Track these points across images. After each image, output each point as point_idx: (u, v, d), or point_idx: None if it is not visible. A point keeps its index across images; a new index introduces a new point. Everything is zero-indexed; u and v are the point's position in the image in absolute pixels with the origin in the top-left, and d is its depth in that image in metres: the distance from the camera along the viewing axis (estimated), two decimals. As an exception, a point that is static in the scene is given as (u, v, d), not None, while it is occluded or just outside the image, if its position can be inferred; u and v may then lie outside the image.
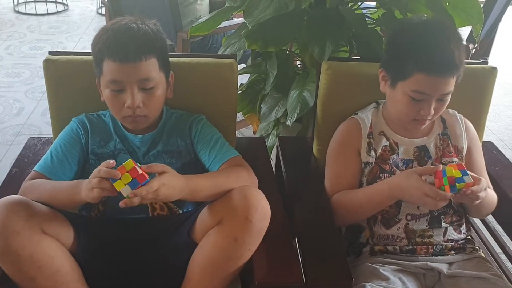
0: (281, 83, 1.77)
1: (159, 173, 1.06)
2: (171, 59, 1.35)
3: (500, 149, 1.67)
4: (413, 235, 1.31)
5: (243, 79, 1.98)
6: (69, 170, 1.24)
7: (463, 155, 1.37)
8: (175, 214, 1.25)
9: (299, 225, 1.28)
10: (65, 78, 1.40)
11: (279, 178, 1.53)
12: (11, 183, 1.33)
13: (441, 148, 1.36)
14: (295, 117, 1.60)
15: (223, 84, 1.45)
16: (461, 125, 1.39)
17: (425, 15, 1.63)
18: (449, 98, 1.26)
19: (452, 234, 1.33)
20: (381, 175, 1.33)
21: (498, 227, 1.53)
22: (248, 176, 1.23)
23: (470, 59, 1.58)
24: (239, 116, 1.90)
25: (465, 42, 1.31)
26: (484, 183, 1.18)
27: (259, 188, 1.17)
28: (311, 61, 1.73)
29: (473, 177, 1.16)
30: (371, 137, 1.36)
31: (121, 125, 1.31)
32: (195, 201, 1.20)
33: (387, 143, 1.36)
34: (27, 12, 4.89)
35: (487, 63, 1.54)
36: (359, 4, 1.89)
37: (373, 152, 1.35)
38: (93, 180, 1.03)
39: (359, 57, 1.75)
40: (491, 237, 1.56)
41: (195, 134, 1.33)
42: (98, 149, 1.28)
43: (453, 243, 1.33)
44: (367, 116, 1.39)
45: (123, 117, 1.24)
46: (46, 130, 2.83)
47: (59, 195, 1.15)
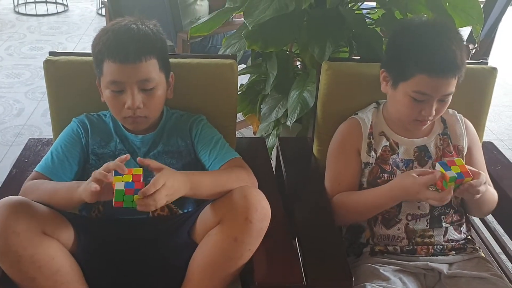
0: (281, 83, 1.78)
1: (158, 169, 1.06)
2: (171, 60, 1.35)
3: (500, 149, 1.67)
4: (413, 235, 1.31)
5: (243, 79, 1.98)
6: (69, 170, 1.24)
7: (463, 154, 1.37)
8: (175, 214, 1.26)
9: (299, 225, 1.28)
10: (66, 78, 1.40)
11: (279, 178, 1.53)
12: (12, 184, 1.33)
13: (441, 148, 1.36)
14: (295, 118, 1.60)
15: (223, 84, 1.45)
16: (461, 125, 1.39)
17: (425, 15, 1.64)
18: (450, 98, 1.26)
19: (452, 234, 1.34)
20: (382, 175, 1.33)
21: (498, 227, 1.54)
22: (248, 177, 1.23)
23: (470, 60, 1.58)
24: (239, 116, 1.90)
25: (465, 42, 1.31)
26: (483, 177, 1.18)
27: (259, 188, 1.17)
28: (311, 61, 1.73)
29: (472, 171, 1.17)
30: (372, 137, 1.36)
31: (121, 126, 1.31)
32: (196, 198, 1.19)
33: (387, 143, 1.36)
34: (27, 13, 4.89)
35: (487, 63, 1.54)
36: (359, 4, 1.89)
37: (373, 152, 1.35)
38: (97, 172, 1.04)
39: (359, 58, 1.75)
40: (491, 237, 1.56)
41: (196, 134, 1.33)
42: (98, 149, 1.29)
43: (453, 243, 1.33)
44: (367, 116, 1.39)
45: (123, 118, 1.25)
46: (46, 130, 2.83)
47: (59, 195, 1.15)
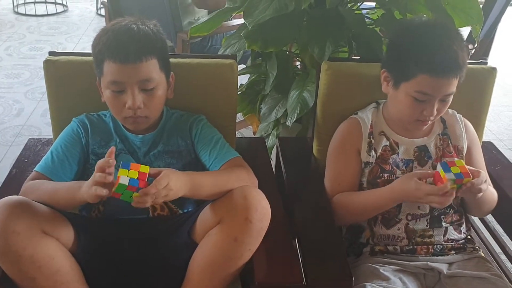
0: (281, 83, 1.78)
1: (157, 174, 1.05)
2: (171, 60, 1.35)
3: (499, 149, 1.67)
4: (413, 235, 1.31)
5: (243, 79, 1.98)
6: (69, 170, 1.24)
7: (463, 155, 1.37)
8: (175, 214, 1.26)
9: (299, 225, 1.28)
10: (65, 78, 1.40)
11: (279, 178, 1.53)
12: (12, 184, 1.33)
13: (441, 148, 1.36)
14: (295, 118, 1.60)
15: (223, 84, 1.45)
16: (461, 125, 1.39)
17: (424, 16, 1.64)
18: (451, 98, 1.26)
19: (452, 233, 1.34)
20: (382, 175, 1.33)
21: (498, 227, 1.54)
22: (248, 176, 1.23)
23: (469, 60, 1.58)
24: (239, 116, 1.90)
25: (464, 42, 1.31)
26: (483, 175, 1.18)
27: (259, 188, 1.17)
28: (311, 61, 1.73)
29: (472, 171, 1.17)
30: (372, 137, 1.36)
31: (121, 125, 1.31)
32: (196, 198, 1.20)
33: (387, 143, 1.36)
34: (27, 13, 4.89)
35: (486, 63, 1.54)
36: (358, 4, 1.90)
37: (373, 152, 1.35)
38: (97, 174, 1.02)
39: (358, 58, 1.75)
40: (491, 237, 1.56)
41: (196, 134, 1.33)
42: (98, 149, 1.28)
43: (453, 243, 1.33)
44: (367, 116, 1.39)
45: (124, 118, 1.25)
46: (46, 130, 2.83)
47: (59, 195, 1.15)
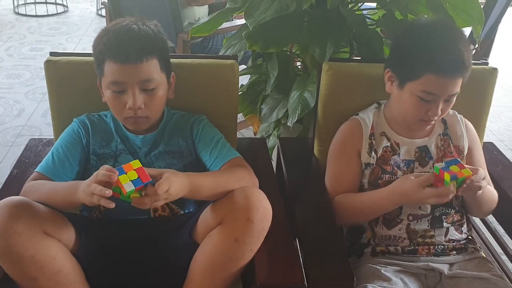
0: (282, 84, 1.78)
1: (158, 176, 1.05)
2: (172, 60, 1.35)
3: (500, 150, 1.67)
4: (415, 236, 1.31)
5: (244, 80, 1.98)
6: (70, 170, 1.24)
7: (464, 155, 1.37)
8: (176, 215, 1.25)
9: (300, 225, 1.28)
10: (66, 79, 1.40)
11: (280, 179, 1.53)
12: (12, 184, 1.33)
13: (442, 148, 1.36)
14: (296, 118, 1.60)
15: (224, 85, 1.45)
16: (462, 126, 1.39)
17: (425, 16, 1.64)
18: (455, 98, 1.26)
19: (453, 234, 1.34)
20: (382, 176, 1.33)
21: (499, 228, 1.54)
22: (249, 176, 1.23)
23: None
24: (240, 117, 1.90)
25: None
26: (482, 172, 1.18)
27: (260, 188, 1.17)
28: (312, 62, 1.74)
29: (471, 168, 1.17)
30: (373, 137, 1.36)
31: (122, 126, 1.31)
32: (197, 199, 1.19)
33: (388, 144, 1.36)
34: (27, 13, 4.90)
35: (487, 63, 1.54)
36: (359, 5, 1.90)
37: (374, 153, 1.34)
38: (94, 186, 1.01)
39: (359, 58, 1.75)
40: (492, 238, 1.56)
41: (197, 134, 1.33)
42: (99, 150, 1.28)
43: (454, 243, 1.33)
44: (368, 116, 1.39)
45: (124, 118, 1.25)
46: (46, 131, 2.83)
47: (57, 196, 1.15)
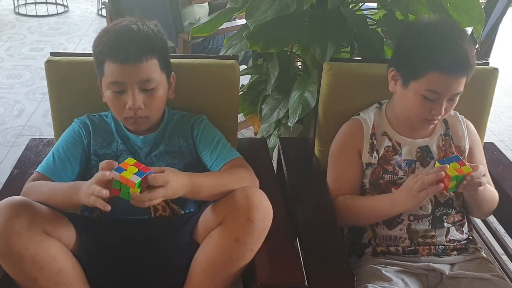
0: (283, 84, 1.78)
1: (159, 172, 1.05)
2: (173, 60, 1.35)
3: (501, 150, 1.67)
4: (415, 236, 1.31)
5: (245, 80, 1.98)
6: (71, 171, 1.24)
7: (465, 155, 1.37)
8: (177, 215, 1.25)
9: (301, 225, 1.28)
10: (67, 79, 1.40)
11: (280, 179, 1.53)
12: (13, 184, 1.33)
13: (444, 148, 1.36)
14: (297, 118, 1.60)
15: (224, 85, 1.45)
16: (463, 126, 1.39)
17: (426, 16, 1.64)
18: (457, 98, 1.26)
19: (454, 234, 1.33)
20: (384, 175, 1.33)
21: (500, 228, 1.53)
22: (250, 177, 1.23)
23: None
24: (240, 117, 1.90)
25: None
26: (482, 169, 1.18)
27: (260, 189, 1.17)
28: (312, 62, 1.74)
29: (470, 165, 1.17)
30: (374, 137, 1.36)
31: (123, 126, 1.31)
32: (197, 199, 1.19)
33: (390, 144, 1.35)
34: (28, 13, 4.90)
35: (488, 64, 1.54)
36: (360, 5, 1.90)
37: (375, 152, 1.34)
38: (93, 187, 1.01)
39: (360, 58, 1.75)
40: (493, 238, 1.55)
41: (197, 134, 1.33)
42: (100, 150, 1.28)
43: (455, 244, 1.33)
44: (369, 116, 1.39)
45: (124, 118, 1.24)
46: (46, 131, 2.83)
47: (57, 197, 1.14)
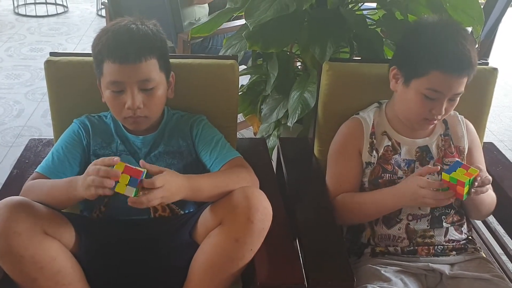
0: (282, 84, 1.78)
1: (158, 173, 1.05)
2: (172, 61, 1.35)
3: (500, 150, 1.67)
4: (414, 236, 1.31)
5: (244, 80, 1.98)
6: (70, 171, 1.24)
7: (464, 155, 1.37)
8: (176, 215, 1.25)
9: (301, 226, 1.28)
10: (66, 79, 1.40)
11: (280, 179, 1.53)
12: (12, 184, 1.33)
13: (443, 148, 1.36)
14: (296, 118, 1.60)
15: (224, 85, 1.45)
16: (462, 126, 1.39)
17: (425, 16, 1.64)
18: (458, 99, 1.26)
19: (453, 234, 1.33)
20: (383, 175, 1.33)
21: (499, 228, 1.53)
22: (249, 177, 1.23)
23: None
24: (240, 117, 1.90)
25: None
26: (484, 170, 1.18)
27: (260, 189, 1.17)
28: (312, 62, 1.73)
29: (474, 166, 1.17)
30: (374, 137, 1.36)
31: (122, 127, 1.31)
32: (197, 200, 1.19)
33: (390, 143, 1.36)
34: (27, 14, 4.89)
35: (487, 64, 1.54)
36: (359, 5, 1.90)
37: (375, 152, 1.34)
38: (90, 178, 1.01)
39: (360, 58, 1.75)
40: (492, 238, 1.55)
41: (196, 134, 1.33)
42: (99, 151, 1.28)
43: (454, 244, 1.33)
44: (369, 116, 1.39)
45: (124, 118, 1.24)
46: (46, 131, 2.83)
47: (56, 193, 1.14)
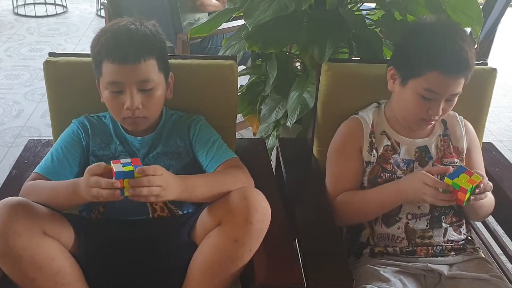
0: (281, 84, 1.78)
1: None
2: (172, 61, 1.35)
3: (499, 150, 1.67)
4: (413, 236, 1.31)
5: (243, 80, 1.98)
6: (69, 171, 1.24)
7: (463, 156, 1.37)
8: (175, 215, 1.25)
9: (300, 226, 1.28)
10: (65, 79, 1.40)
11: (279, 179, 1.53)
12: (12, 185, 1.33)
13: (442, 149, 1.36)
14: (295, 119, 1.60)
15: (223, 85, 1.45)
16: (461, 127, 1.40)
17: (424, 16, 1.64)
18: (456, 99, 1.26)
19: (452, 234, 1.33)
20: (382, 174, 1.33)
21: (498, 228, 1.53)
22: (245, 177, 1.23)
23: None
24: (239, 117, 1.90)
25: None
26: (484, 175, 1.18)
27: (259, 189, 1.16)
28: (311, 62, 1.73)
29: (477, 173, 1.17)
30: (373, 136, 1.36)
31: (121, 127, 1.31)
32: (191, 201, 1.19)
33: (389, 143, 1.36)
34: (27, 14, 4.90)
35: (486, 64, 1.54)
36: (358, 5, 1.90)
37: (374, 151, 1.35)
38: (95, 190, 1.01)
39: (359, 58, 1.75)
40: (491, 238, 1.56)
41: (193, 134, 1.33)
42: (98, 151, 1.28)
43: (453, 244, 1.33)
44: (368, 115, 1.39)
45: (122, 119, 1.24)
46: (45, 132, 2.83)
47: (57, 196, 1.14)
